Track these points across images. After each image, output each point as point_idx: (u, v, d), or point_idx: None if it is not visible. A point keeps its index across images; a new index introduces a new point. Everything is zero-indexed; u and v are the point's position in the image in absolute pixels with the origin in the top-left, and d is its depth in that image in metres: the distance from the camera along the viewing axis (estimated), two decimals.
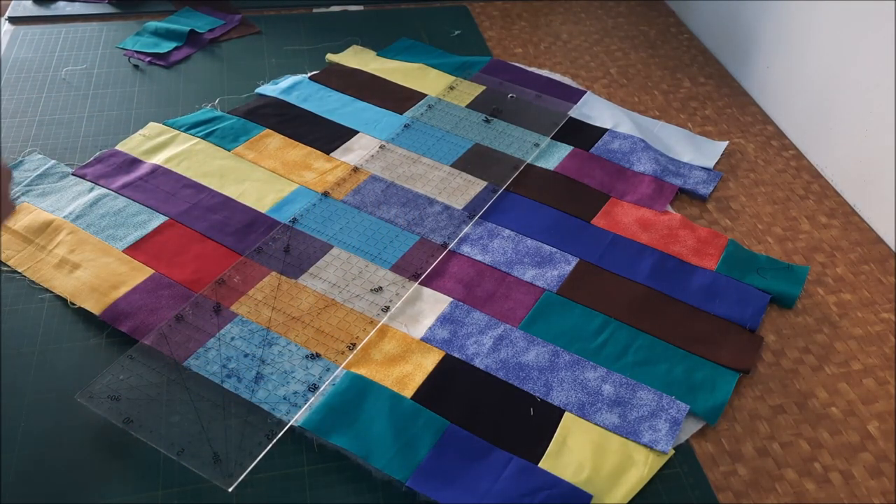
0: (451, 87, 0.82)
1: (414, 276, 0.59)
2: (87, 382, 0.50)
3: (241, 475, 0.45)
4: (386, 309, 0.56)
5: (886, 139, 0.66)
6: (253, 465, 0.46)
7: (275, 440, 0.47)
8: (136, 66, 0.83)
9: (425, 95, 0.80)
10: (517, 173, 0.70)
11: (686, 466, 0.48)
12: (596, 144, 0.75)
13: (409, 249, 0.61)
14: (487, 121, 0.76)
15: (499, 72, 0.85)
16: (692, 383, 0.53)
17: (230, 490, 0.45)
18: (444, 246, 0.62)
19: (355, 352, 0.53)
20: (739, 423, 0.52)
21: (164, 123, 0.73)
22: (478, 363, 0.53)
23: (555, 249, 0.62)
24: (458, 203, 0.66)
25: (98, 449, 0.47)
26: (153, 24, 0.88)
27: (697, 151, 0.76)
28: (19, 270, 0.58)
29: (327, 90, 0.80)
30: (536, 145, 0.74)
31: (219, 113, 0.75)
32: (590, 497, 0.45)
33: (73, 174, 0.67)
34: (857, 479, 0.49)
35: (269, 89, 0.80)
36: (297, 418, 0.48)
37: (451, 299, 0.57)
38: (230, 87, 0.80)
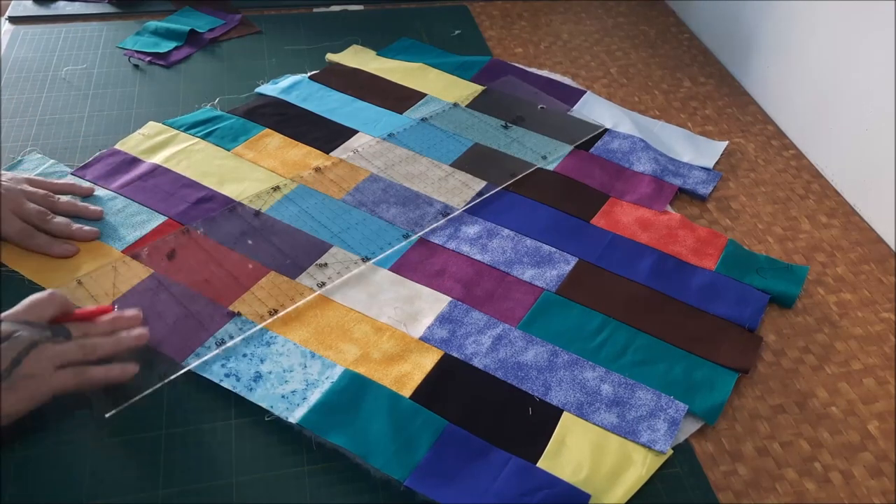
0: (451, 87, 0.81)
1: (364, 259, 0.59)
2: None
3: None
4: (322, 285, 0.56)
5: (886, 139, 0.66)
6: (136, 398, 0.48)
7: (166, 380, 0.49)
8: (136, 66, 0.83)
9: (425, 95, 0.80)
10: (514, 179, 0.69)
11: (686, 466, 0.48)
12: (596, 144, 0.75)
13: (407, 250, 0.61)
14: (507, 127, 0.75)
15: (499, 72, 0.85)
16: (691, 383, 0.52)
17: (106, 416, 0.47)
18: (407, 236, 0.62)
19: (276, 317, 0.54)
20: (739, 422, 0.51)
21: (163, 123, 0.73)
22: (476, 363, 0.53)
23: (554, 249, 0.62)
24: (458, 202, 0.66)
25: (98, 448, 0.47)
26: (153, 23, 0.88)
27: (697, 151, 0.76)
28: (18, 270, 0.57)
29: (327, 90, 0.80)
30: (544, 157, 0.72)
31: (219, 112, 0.75)
32: (588, 497, 0.45)
33: (71, 174, 0.67)
34: (858, 478, 0.49)
35: (269, 89, 0.80)
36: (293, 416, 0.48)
37: (449, 299, 0.57)
38: (230, 86, 0.80)
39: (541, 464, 0.47)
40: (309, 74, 0.82)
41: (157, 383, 0.49)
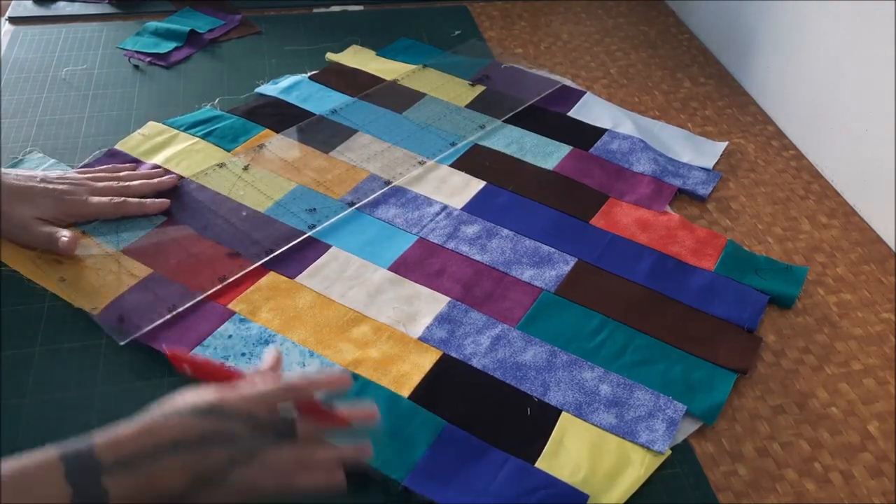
0: (451, 88, 0.81)
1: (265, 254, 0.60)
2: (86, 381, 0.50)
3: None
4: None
5: (886, 139, 0.66)
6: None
7: (175, 312, 0.54)
8: (136, 67, 0.83)
9: (424, 95, 0.80)
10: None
11: (686, 466, 0.48)
12: (595, 144, 0.75)
13: (407, 249, 0.61)
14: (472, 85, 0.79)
15: (498, 72, 0.85)
16: (690, 383, 0.52)
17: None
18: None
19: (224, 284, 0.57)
20: (739, 423, 0.51)
21: (163, 123, 0.73)
22: (475, 363, 0.53)
23: (553, 249, 0.62)
24: (457, 203, 0.66)
25: None
26: (153, 24, 0.89)
27: (697, 152, 0.76)
28: (18, 270, 0.57)
29: (327, 90, 0.80)
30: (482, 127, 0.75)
31: (219, 112, 0.75)
32: (586, 497, 0.45)
33: None
34: (858, 479, 0.49)
35: (268, 89, 0.80)
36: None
37: (448, 299, 0.57)
38: (230, 87, 0.80)
39: (539, 464, 0.47)
40: (309, 74, 0.82)
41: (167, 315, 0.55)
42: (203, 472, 0.38)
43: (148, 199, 0.62)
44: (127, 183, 0.63)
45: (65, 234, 0.57)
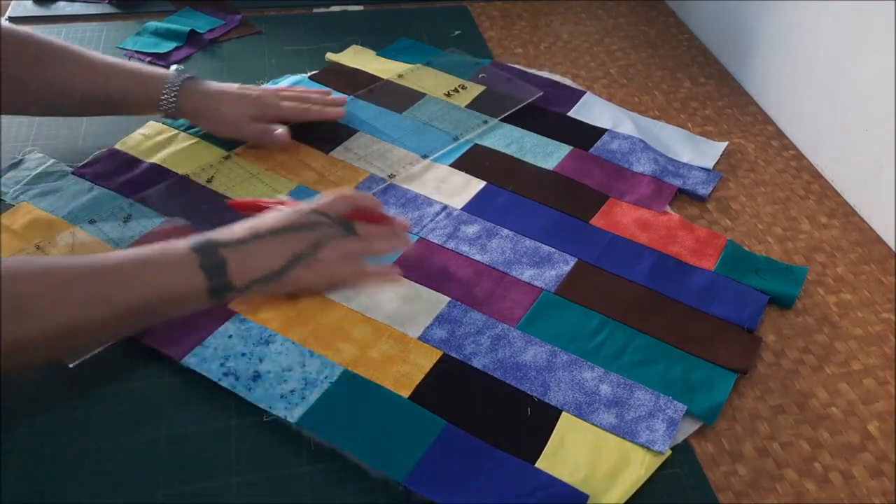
0: (451, 88, 0.81)
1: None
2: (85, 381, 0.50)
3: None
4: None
5: (886, 139, 0.66)
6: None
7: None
8: None
9: (424, 95, 0.80)
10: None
11: (686, 466, 0.48)
12: (595, 144, 0.75)
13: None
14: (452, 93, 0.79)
15: (499, 72, 0.85)
16: (690, 383, 0.52)
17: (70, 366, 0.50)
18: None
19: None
20: (739, 423, 0.51)
21: (163, 122, 0.73)
22: (475, 363, 0.53)
23: (553, 249, 0.62)
24: (457, 203, 0.66)
25: (98, 449, 0.47)
26: (153, 24, 0.89)
27: (697, 152, 0.76)
28: None
29: (327, 90, 0.80)
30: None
31: None
32: (586, 497, 0.45)
33: (72, 173, 0.67)
34: (858, 479, 0.49)
35: None
36: (293, 415, 0.48)
37: (448, 299, 0.57)
38: None
39: (539, 464, 0.47)
40: (309, 74, 0.82)
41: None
42: (296, 251, 0.53)
43: (328, 107, 0.72)
44: (307, 94, 0.73)
45: (277, 128, 0.68)
